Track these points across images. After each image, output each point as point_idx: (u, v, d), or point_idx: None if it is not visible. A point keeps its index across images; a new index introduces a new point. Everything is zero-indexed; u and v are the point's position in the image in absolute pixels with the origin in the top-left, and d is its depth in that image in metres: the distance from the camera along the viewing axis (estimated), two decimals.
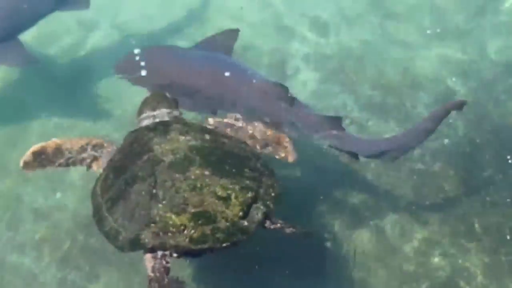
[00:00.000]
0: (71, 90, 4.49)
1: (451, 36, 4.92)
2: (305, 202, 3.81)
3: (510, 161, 4.01)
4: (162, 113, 3.19)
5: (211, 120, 3.20)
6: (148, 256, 2.53)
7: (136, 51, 3.86)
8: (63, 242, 3.66)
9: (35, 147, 2.99)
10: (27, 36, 4.34)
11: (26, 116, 4.34)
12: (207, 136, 2.95)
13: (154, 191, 2.61)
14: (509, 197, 3.83)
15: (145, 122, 3.15)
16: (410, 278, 3.52)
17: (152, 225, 2.49)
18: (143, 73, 3.73)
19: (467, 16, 5.07)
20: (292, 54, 4.83)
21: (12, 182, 3.93)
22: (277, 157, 3.11)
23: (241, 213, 2.58)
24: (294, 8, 5.19)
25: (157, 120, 3.14)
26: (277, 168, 3.03)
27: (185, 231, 2.47)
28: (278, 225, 2.72)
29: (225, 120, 3.20)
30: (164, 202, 2.55)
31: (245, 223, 2.58)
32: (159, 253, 2.51)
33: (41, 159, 2.98)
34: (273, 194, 2.77)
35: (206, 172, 2.66)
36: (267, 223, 2.70)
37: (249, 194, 2.65)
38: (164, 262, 2.50)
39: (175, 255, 2.53)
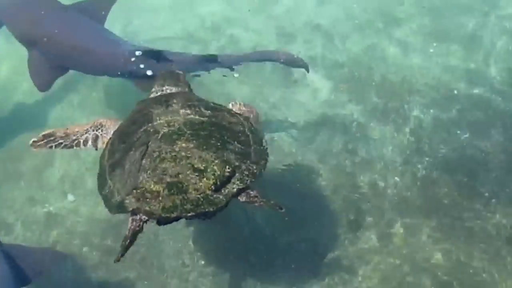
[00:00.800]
0: (84, 97, 4.70)
1: (454, 42, 4.99)
2: (307, 205, 3.92)
3: None
4: (171, 89, 3.31)
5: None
6: (130, 218, 2.63)
7: None
8: (77, 244, 3.82)
9: (45, 131, 3.20)
10: None
11: (41, 121, 4.53)
12: (208, 112, 3.03)
13: (143, 160, 2.72)
14: (511, 198, 3.92)
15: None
16: (411, 277, 3.60)
17: (135, 191, 2.62)
18: (18, 19, 4.04)
19: (470, 23, 5.13)
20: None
21: (26, 185, 4.12)
22: None
23: (213, 186, 2.63)
24: (300, 16, 5.30)
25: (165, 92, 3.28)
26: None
27: (159, 199, 2.58)
28: (252, 199, 2.74)
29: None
30: (148, 171, 2.67)
31: (216, 195, 2.63)
32: (139, 216, 2.62)
33: (49, 140, 3.18)
34: (254, 171, 2.81)
35: (191, 145, 2.74)
36: (242, 197, 2.74)
37: (227, 169, 2.69)
38: (138, 225, 2.63)
39: (153, 220, 2.64)
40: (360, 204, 3.93)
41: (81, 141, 3.19)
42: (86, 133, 3.20)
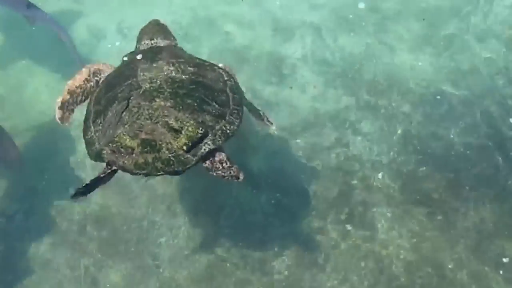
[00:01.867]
0: None
1: (442, 45, 5.09)
2: (297, 197, 4.10)
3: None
4: (159, 43, 3.42)
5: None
6: (105, 165, 2.83)
7: None
8: (75, 232, 3.97)
9: (57, 102, 3.32)
10: None
11: (40, 108, 4.63)
12: (192, 68, 3.08)
13: (123, 114, 2.85)
14: (493, 195, 4.08)
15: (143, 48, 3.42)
16: (396, 271, 3.77)
17: (111, 144, 2.77)
18: None
19: (457, 23, 5.23)
20: (291, 58, 5.02)
21: (28, 175, 4.23)
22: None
23: (185, 147, 2.72)
24: (293, 14, 5.39)
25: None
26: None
27: (133, 155, 2.72)
28: (215, 165, 2.81)
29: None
30: (126, 125, 2.79)
31: (187, 155, 2.73)
32: (113, 166, 2.79)
33: (66, 108, 3.31)
34: (227, 132, 2.89)
35: (168, 104, 2.83)
36: (207, 163, 2.81)
37: (200, 130, 2.78)
38: (111, 173, 2.81)
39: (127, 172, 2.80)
40: (348, 198, 4.10)
41: (88, 90, 3.30)
42: (89, 82, 3.32)
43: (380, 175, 4.21)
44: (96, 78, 3.33)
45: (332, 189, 4.15)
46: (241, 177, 2.81)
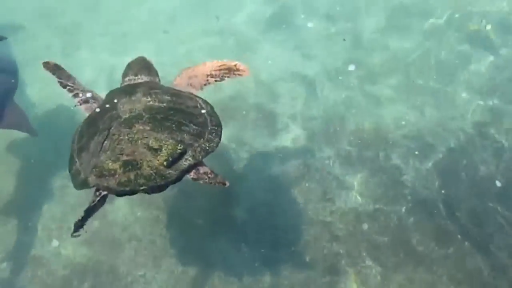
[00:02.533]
0: None
1: (425, 93, 5.21)
2: (286, 251, 4.13)
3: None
4: (143, 79, 3.55)
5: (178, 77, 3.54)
6: (94, 193, 2.94)
7: None
8: (60, 286, 3.94)
9: (61, 65, 3.48)
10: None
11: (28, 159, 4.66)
12: (168, 97, 3.28)
13: (104, 142, 3.01)
14: (483, 244, 4.12)
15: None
16: None
17: (94, 169, 2.91)
18: None
19: (440, 74, 5.35)
20: (279, 113, 5.10)
21: (12, 229, 4.23)
22: (235, 76, 3.42)
23: (165, 162, 2.89)
24: (279, 66, 5.51)
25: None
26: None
27: (116, 176, 2.87)
28: (200, 175, 2.97)
29: (187, 72, 3.54)
30: (107, 151, 2.96)
31: (168, 171, 2.90)
32: (100, 191, 2.91)
33: (57, 70, 3.47)
34: (207, 148, 3.08)
35: (147, 128, 3.03)
36: (192, 174, 2.98)
37: (179, 147, 2.97)
38: (101, 199, 2.91)
39: (114, 194, 2.91)
40: (335, 251, 4.14)
41: (75, 94, 3.46)
42: (85, 92, 3.47)
43: (365, 227, 4.26)
44: (92, 100, 3.45)
45: (318, 242, 4.19)
46: (227, 183, 2.94)
